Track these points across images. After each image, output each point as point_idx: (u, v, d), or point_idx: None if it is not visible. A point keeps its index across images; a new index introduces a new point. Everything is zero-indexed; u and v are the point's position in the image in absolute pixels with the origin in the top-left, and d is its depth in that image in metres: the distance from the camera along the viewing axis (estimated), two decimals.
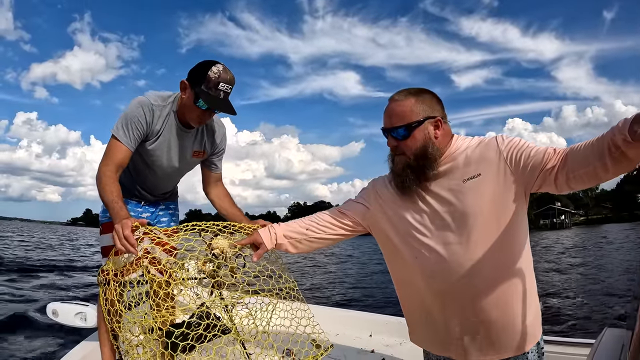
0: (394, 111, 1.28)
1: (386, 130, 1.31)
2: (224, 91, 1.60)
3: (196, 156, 1.85)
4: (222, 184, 1.99)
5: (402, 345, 2.21)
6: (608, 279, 7.86)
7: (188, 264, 1.66)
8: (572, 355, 1.65)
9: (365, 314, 2.64)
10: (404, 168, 1.28)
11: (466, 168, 1.24)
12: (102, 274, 1.41)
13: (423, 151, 1.26)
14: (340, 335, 2.34)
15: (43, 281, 8.01)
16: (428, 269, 1.28)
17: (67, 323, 2.02)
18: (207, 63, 1.60)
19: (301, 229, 1.41)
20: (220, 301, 1.40)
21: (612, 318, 4.58)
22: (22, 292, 6.62)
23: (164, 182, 1.92)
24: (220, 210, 1.90)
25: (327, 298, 7.26)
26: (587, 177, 1.08)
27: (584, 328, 4.24)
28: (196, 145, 1.82)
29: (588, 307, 5.38)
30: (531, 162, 1.17)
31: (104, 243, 1.82)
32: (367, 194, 1.43)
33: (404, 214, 1.32)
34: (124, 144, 1.61)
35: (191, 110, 1.65)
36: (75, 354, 1.88)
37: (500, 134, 1.29)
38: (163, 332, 1.24)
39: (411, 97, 1.28)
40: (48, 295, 6.62)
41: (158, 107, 1.68)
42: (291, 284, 1.47)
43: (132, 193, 1.89)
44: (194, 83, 1.60)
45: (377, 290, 7.68)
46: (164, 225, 1.96)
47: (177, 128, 1.74)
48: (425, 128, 1.26)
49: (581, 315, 4.91)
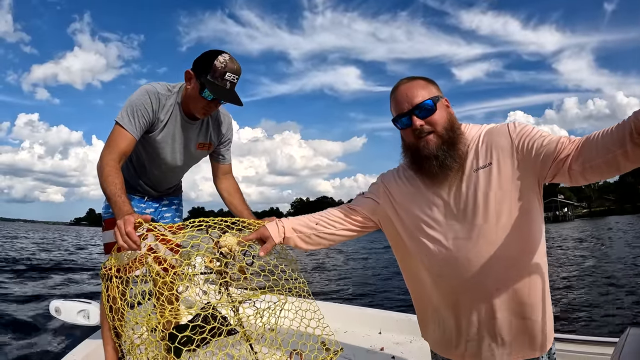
0: (413, 89, 1.20)
1: (407, 113, 1.20)
2: (230, 81, 1.54)
3: (201, 148, 1.78)
4: (233, 177, 1.92)
5: (412, 343, 2.17)
6: (616, 274, 7.76)
7: (194, 261, 1.61)
8: (592, 354, 1.60)
9: (375, 311, 2.59)
10: (439, 146, 1.18)
11: (477, 157, 1.19)
12: (104, 269, 1.36)
13: (451, 124, 1.20)
14: (349, 332, 2.31)
15: (50, 280, 8.04)
16: (436, 265, 1.23)
17: (70, 321, 1.99)
18: (213, 52, 1.54)
19: (311, 223, 1.35)
20: (228, 301, 1.35)
21: (632, 316, 4.49)
22: (27, 290, 6.65)
23: (167, 177, 1.86)
24: (228, 206, 1.85)
25: (336, 293, 7.24)
26: (605, 166, 1.01)
27: (599, 326, 4.17)
28: (201, 137, 1.76)
29: (599, 303, 5.30)
30: (544, 151, 1.10)
31: (106, 239, 1.77)
32: (376, 188, 1.38)
33: (413, 207, 1.27)
34: (129, 132, 1.54)
35: (196, 101, 1.59)
36: (79, 352, 1.85)
37: (515, 121, 1.22)
38: (166, 335, 1.19)
39: (419, 79, 1.24)
40: (53, 291, 6.66)
41: (164, 96, 1.62)
42: (300, 283, 1.42)
43: (135, 188, 1.84)
44: (199, 73, 1.54)
45: (387, 287, 7.65)
46: (168, 221, 1.92)
47: (182, 119, 1.68)
48: (443, 104, 1.22)
49: (594, 312, 4.82)
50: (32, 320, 4.49)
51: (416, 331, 2.19)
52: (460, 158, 1.19)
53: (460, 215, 1.19)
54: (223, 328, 1.23)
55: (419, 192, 1.26)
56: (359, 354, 2.03)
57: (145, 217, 1.28)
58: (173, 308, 1.29)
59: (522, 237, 1.16)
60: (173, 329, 1.19)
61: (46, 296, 5.87)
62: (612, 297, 5.64)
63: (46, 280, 7.91)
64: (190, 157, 1.81)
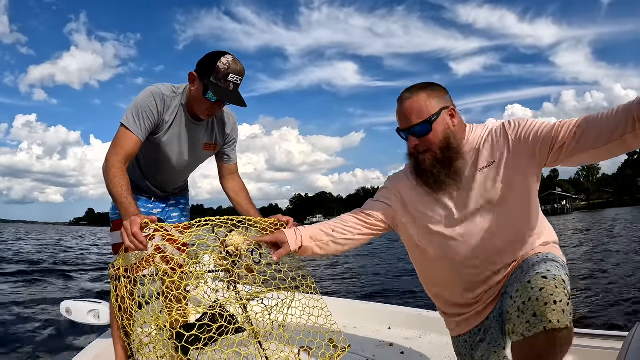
0: (409, 109, 1.26)
1: (404, 130, 1.28)
2: (234, 82, 1.54)
3: (207, 149, 1.80)
4: (239, 177, 1.93)
5: (421, 339, 2.16)
6: (616, 269, 7.61)
7: (202, 259, 1.63)
8: (601, 349, 1.58)
9: (385, 306, 2.58)
10: (434, 164, 1.26)
11: (481, 156, 1.26)
12: (112, 269, 1.37)
13: (446, 143, 1.25)
14: (358, 328, 2.30)
15: (60, 280, 8.14)
16: (447, 262, 1.30)
17: (81, 321, 2.01)
18: (216, 54, 1.55)
19: (327, 230, 1.40)
20: (236, 299, 1.36)
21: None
22: (36, 291, 6.74)
23: (174, 177, 1.88)
24: (235, 206, 1.86)
25: (345, 288, 7.24)
26: (614, 146, 1.06)
27: (606, 321, 4.11)
28: (206, 138, 1.77)
29: (600, 297, 5.22)
30: (540, 140, 1.18)
31: (115, 240, 1.78)
32: (387, 192, 1.45)
33: (423, 207, 1.35)
34: (134, 134, 1.55)
35: (200, 103, 1.60)
36: (90, 352, 1.86)
37: (511, 118, 1.29)
38: (173, 333, 1.19)
39: (421, 92, 1.27)
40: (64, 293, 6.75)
41: (169, 97, 1.63)
42: (308, 280, 1.43)
43: (142, 189, 1.85)
44: (202, 74, 1.54)
45: (396, 282, 7.64)
46: (175, 221, 1.93)
47: (187, 120, 1.68)
48: (443, 119, 1.26)
49: (603, 306, 4.76)
50: (43, 321, 4.55)
51: (426, 326, 2.21)
52: (456, 174, 1.26)
53: (467, 214, 1.27)
54: (230, 327, 1.24)
55: (427, 193, 1.34)
56: (368, 349, 2.03)
57: (152, 218, 1.28)
58: (181, 307, 1.29)
59: (523, 223, 1.26)
60: (180, 328, 1.19)
61: (57, 297, 5.95)
62: (620, 290, 5.56)
63: (56, 281, 8.01)
64: (197, 158, 1.82)
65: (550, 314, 0.96)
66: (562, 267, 1.13)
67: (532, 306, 0.99)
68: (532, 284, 1.03)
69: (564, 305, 0.97)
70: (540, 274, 1.04)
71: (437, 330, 2.10)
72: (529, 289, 1.02)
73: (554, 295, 0.98)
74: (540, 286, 1.00)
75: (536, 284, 1.02)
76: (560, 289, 0.99)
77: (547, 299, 0.98)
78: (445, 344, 1.92)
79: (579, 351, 1.57)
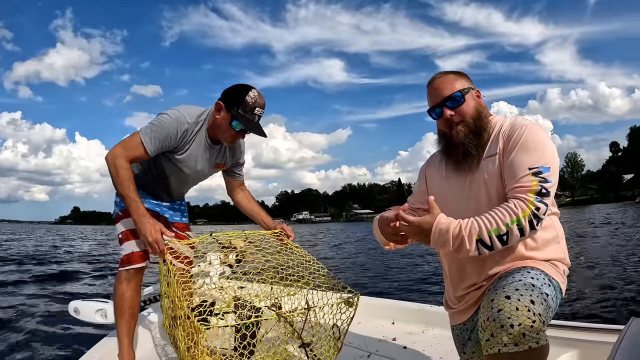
0: (442, 84, 1.36)
1: (438, 104, 1.35)
2: (258, 115, 1.72)
3: (217, 167, 1.97)
4: (246, 189, 2.16)
5: (424, 333, 2.21)
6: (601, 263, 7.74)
7: (209, 258, 1.78)
8: (596, 342, 1.60)
9: (388, 301, 2.62)
10: (467, 135, 1.32)
11: (491, 145, 1.31)
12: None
13: (478, 114, 1.34)
14: (362, 322, 2.33)
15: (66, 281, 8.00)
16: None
17: (89, 320, 2.03)
18: (244, 88, 1.71)
19: None
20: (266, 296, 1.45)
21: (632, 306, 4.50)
22: (44, 291, 6.65)
23: (183, 188, 2.05)
24: (247, 212, 2.09)
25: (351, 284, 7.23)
26: None
27: (602, 315, 4.18)
28: (219, 158, 1.93)
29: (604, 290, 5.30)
30: (507, 165, 1.23)
31: (127, 227, 1.83)
32: (420, 179, 1.56)
33: (435, 187, 1.46)
34: (146, 148, 1.69)
35: (225, 131, 1.74)
36: (97, 350, 1.87)
37: (525, 122, 1.29)
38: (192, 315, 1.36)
39: (450, 74, 1.38)
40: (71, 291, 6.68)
41: (192, 126, 1.75)
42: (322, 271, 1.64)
43: (153, 193, 1.97)
44: (230, 105, 1.69)
45: (399, 277, 7.67)
46: (177, 220, 2.06)
47: (205, 143, 1.82)
48: (472, 95, 1.35)
49: (600, 299, 4.83)
50: (51, 320, 4.53)
51: (429, 321, 2.26)
52: (482, 147, 1.32)
53: (465, 199, 1.33)
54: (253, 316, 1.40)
55: (443, 174, 1.43)
56: (371, 344, 2.06)
57: (165, 232, 1.64)
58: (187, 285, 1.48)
59: None
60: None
61: (65, 296, 5.88)
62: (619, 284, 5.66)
63: (62, 281, 7.87)
64: (206, 174, 1.98)
65: (505, 337, 0.95)
66: (538, 288, 1.08)
67: (490, 327, 0.99)
68: (494, 302, 1.02)
69: (523, 328, 0.94)
70: (505, 293, 1.03)
71: (440, 325, 2.15)
72: (490, 308, 1.01)
73: (511, 318, 0.96)
74: (500, 307, 0.99)
75: (497, 304, 1.00)
76: (522, 311, 0.97)
77: (504, 322, 0.96)
78: (447, 338, 1.94)
79: (575, 344, 1.61)
